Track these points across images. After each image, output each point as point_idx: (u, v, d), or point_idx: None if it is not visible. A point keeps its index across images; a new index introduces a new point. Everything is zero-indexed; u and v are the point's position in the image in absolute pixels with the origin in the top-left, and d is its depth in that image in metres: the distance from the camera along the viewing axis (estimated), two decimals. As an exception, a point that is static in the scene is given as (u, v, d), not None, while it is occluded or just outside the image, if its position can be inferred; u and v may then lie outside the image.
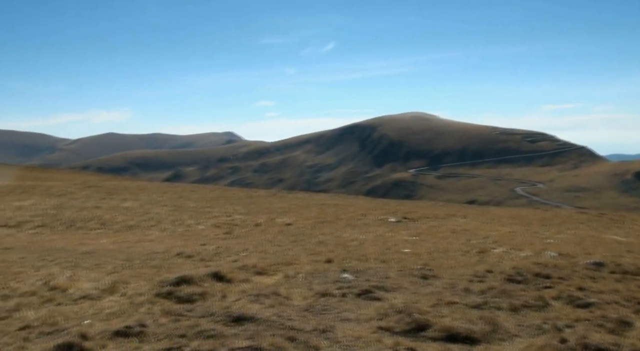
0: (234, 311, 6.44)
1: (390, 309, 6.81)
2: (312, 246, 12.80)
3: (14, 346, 5.66)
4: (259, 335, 5.59)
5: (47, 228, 17.65)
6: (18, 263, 10.63)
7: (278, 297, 7.40)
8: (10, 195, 26.82)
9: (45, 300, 7.66)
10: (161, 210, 22.27)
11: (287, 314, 6.54)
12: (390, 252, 11.51)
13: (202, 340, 5.44)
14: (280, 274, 9.17)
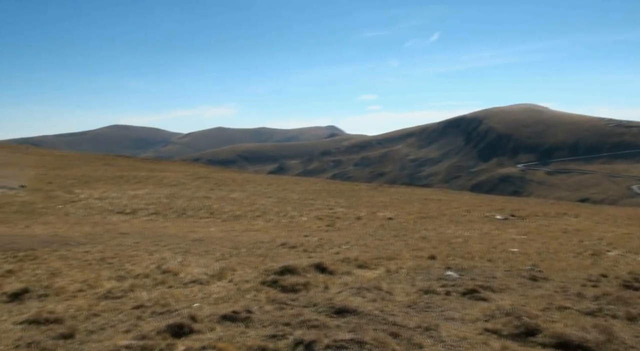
0: (336, 303, 6.43)
1: (497, 311, 6.50)
2: (414, 241, 12.59)
3: (128, 324, 6.00)
4: (361, 328, 5.54)
5: (160, 216, 18.66)
6: (133, 247, 11.27)
7: (380, 292, 7.31)
8: (127, 185, 28.62)
9: (158, 282, 8.06)
10: (266, 201, 22.87)
11: (389, 309, 6.44)
12: (497, 251, 11.06)
13: (305, 329, 5.48)
14: (381, 268, 9.07)
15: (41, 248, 10.62)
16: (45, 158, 46.15)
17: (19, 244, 11.05)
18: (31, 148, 69.09)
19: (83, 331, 5.77)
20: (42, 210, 19.44)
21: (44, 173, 32.51)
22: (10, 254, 10.07)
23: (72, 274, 8.58)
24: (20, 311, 6.66)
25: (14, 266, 9.13)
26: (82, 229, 14.44)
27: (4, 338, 5.64)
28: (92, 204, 21.07)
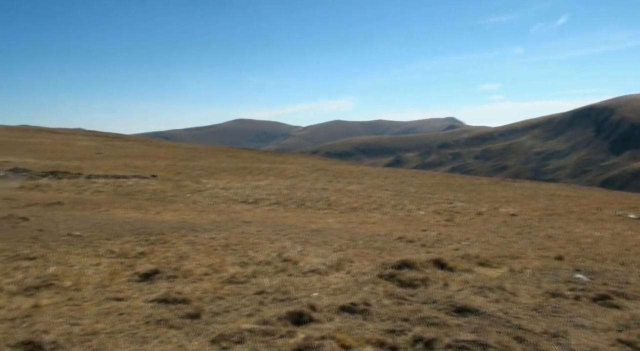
0: (457, 302, 6.23)
1: (632, 320, 5.95)
2: (539, 240, 11.92)
3: (251, 308, 6.22)
4: (483, 330, 5.32)
5: (281, 206, 19.18)
6: (255, 235, 11.65)
7: (503, 292, 6.99)
8: (250, 176, 29.73)
9: (279, 270, 8.26)
10: (383, 194, 22.77)
11: (513, 311, 6.13)
12: (631, 254, 10.17)
13: (425, 327, 5.36)
14: (504, 267, 8.67)
15: (171, 233, 11.28)
16: (175, 151, 49.21)
17: (151, 229, 11.82)
18: (162, 141, 73.95)
19: (208, 313, 6.06)
20: (172, 198, 20.70)
21: (173, 164, 34.65)
22: (142, 238, 10.79)
23: (198, 258, 9.03)
24: (151, 290, 7.12)
25: (146, 248, 9.77)
26: (208, 216, 15.19)
27: (135, 314, 6.06)
28: (218, 193, 22.12)
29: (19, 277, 7.65)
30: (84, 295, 6.85)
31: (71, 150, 43.53)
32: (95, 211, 15.51)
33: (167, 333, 5.47)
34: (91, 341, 5.24)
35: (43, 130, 70.62)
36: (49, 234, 10.77)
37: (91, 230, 11.32)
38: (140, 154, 42.30)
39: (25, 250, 9.35)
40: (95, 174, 27.30)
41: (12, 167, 28.20)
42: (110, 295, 6.85)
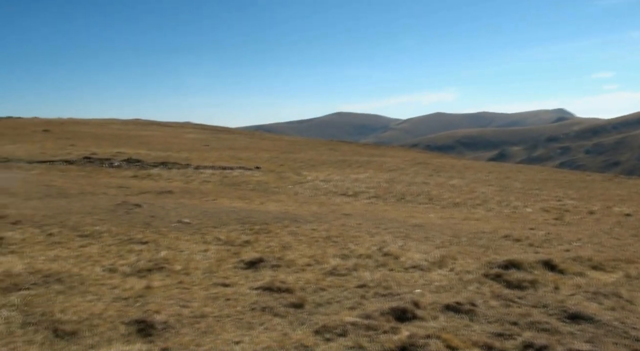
0: (569, 307, 5.88)
1: None
2: (660, 243, 11.03)
3: (353, 301, 6.23)
4: (599, 340, 4.98)
5: (380, 200, 19.09)
6: (355, 228, 11.66)
7: (619, 299, 6.51)
8: (349, 169, 29.84)
9: (379, 264, 8.21)
10: (487, 189, 22.05)
11: (631, 321, 5.69)
12: None
13: (535, 332, 5.10)
14: (619, 272, 8.10)
15: (274, 223, 11.54)
16: (277, 143, 50.37)
17: (255, 218, 12.15)
18: (265, 134, 75.92)
19: (311, 303, 6.13)
20: (275, 189, 21.21)
21: (276, 157, 35.49)
22: (247, 227, 11.11)
23: (301, 249, 9.18)
24: (256, 278, 7.32)
25: (251, 237, 10.05)
26: (309, 208, 15.40)
27: (241, 300, 6.26)
28: (318, 185, 22.40)
29: (133, 259, 8.13)
30: (192, 279, 7.16)
31: (180, 142, 45.76)
32: (202, 200, 16.20)
33: (271, 320, 5.61)
34: (200, 323, 5.47)
35: (154, 123, 74.73)
36: (160, 220, 11.36)
37: (199, 217, 11.82)
38: (244, 146, 43.72)
39: (138, 235, 9.91)
40: (203, 165, 28.54)
41: (126, 158, 30.08)
42: (218, 280, 7.11)
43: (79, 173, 24.31)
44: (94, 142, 40.89)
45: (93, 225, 10.49)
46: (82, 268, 7.56)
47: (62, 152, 32.79)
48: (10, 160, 28.05)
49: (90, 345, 5.00)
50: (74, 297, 6.33)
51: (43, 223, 10.65)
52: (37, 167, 25.81)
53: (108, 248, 8.88)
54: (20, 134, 47.09)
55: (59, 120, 69.90)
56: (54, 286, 6.80)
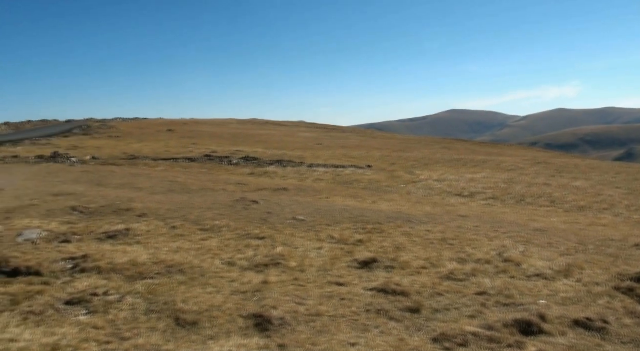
0: None
1: None
2: None
3: (473, 309, 5.94)
4: None
5: (498, 201, 18.31)
6: (472, 230, 11.21)
7: None
8: (464, 168, 28.93)
9: (499, 270, 7.81)
10: (614, 192, 20.44)
11: None
12: None
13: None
14: None
15: (386, 223, 11.38)
16: (389, 142, 50.06)
17: (368, 217, 12.06)
18: (376, 132, 75.82)
19: (428, 308, 5.93)
20: (387, 188, 21.03)
21: (387, 155, 35.22)
22: (360, 226, 11.04)
23: (415, 250, 8.95)
24: (370, 278, 7.22)
25: (364, 237, 9.96)
26: (423, 208, 15.09)
27: (356, 300, 6.19)
28: (432, 185, 21.92)
29: (250, 254, 8.35)
30: (308, 276, 7.21)
31: (294, 141, 46.80)
32: (316, 198, 16.39)
33: (387, 324, 5.48)
34: (315, 322, 5.47)
35: (269, 123, 77.13)
36: (276, 217, 11.60)
37: (313, 215, 11.93)
38: (356, 145, 43.85)
39: (256, 230, 10.17)
40: (316, 163, 28.96)
41: (243, 156, 31.22)
42: (332, 279, 7.10)
43: (200, 170, 25.57)
44: (214, 141, 42.88)
45: (213, 220, 10.92)
46: (203, 261, 7.86)
47: (185, 150, 34.69)
48: (138, 158, 30.08)
49: (209, 336, 5.16)
50: (194, 288, 6.59)
51: (167, 216, 11.25)
52: (161, 164, 27.47)
53: (227, 242, 9.19)
54: (147, 134, 50.47)
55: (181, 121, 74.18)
56: (177, 276, 7.12)
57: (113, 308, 6.01)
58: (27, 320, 5.76)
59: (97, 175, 20.55)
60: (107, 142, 43.52)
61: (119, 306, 6.08)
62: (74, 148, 36.06)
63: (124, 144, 40.63)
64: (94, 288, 6.68)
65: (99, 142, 42.71)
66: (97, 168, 24.62)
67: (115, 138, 47.22)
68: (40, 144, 40.22)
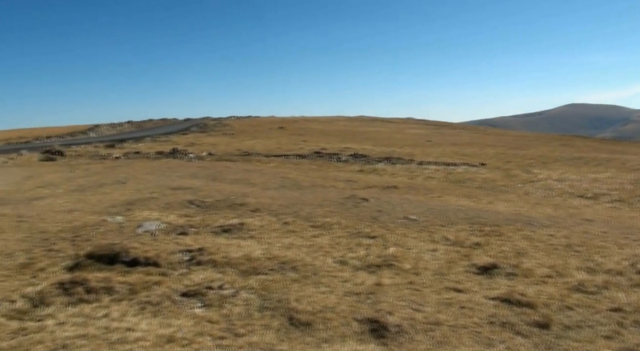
0: None
1: None
2: None
3: (608, 328, 5.35)
4: None
5: (625, 204, 16.87)
6: (600, 236, 10.31)
7: None
8: (586, 167, 27.04)
9: (634, 283, 7.01)
10: None
11: None
12: None
13: None
14: None
15: (505, 225, 10.74)
16: (503, 138, 48.05)
17: (484, 219, 11.46)
18: (489, 129, 73.23)
19: (558, 324, 5.40)
20: (502, 188, 20.06)
21: (502, 153, 33.74)
22: (476, 227, 10.49)
23: (538, 257, 8.32)
24: (490, 286, 6.75)
25: (481, 239, 9.43)
26: (543, 210, 14.17)
27: (477, 310, 5.77)
28: (551, 185, 20.63)
29: (362, 253, 8.14)
30: (423, 280, 6.88)
31: (403, 137, 46.22)
32: (427, 196, 15.92)
33: (513, 339, 5.04)
34: (434, 331, 5.14)
35: (377, 119, 76.86)
36: (386, 216, 11.32)
37: (425, 215, 11.53)
38: (468, 142, 42.48)
39: (366, 229, 9.96)
40: (426, 161, 28.31)
41: (352, 153, 31.21)
42: (449, 284, 6.73)
43: (310, 166, 25.83)
44: (323, 137, 43.33)
45: (324, 217, 10.85)
46: (315, 258, 7.77)
47: (295, 147, 35.30)
48: (251, 154, 30.97)
49: (324, 339, 5.00)
50: (307, 287, 6.49)
51: (279, 212, 11.33)
52: (273, 160, 28.07)
53: (338, 240, 9.06)
54: (259, 131, 51.96)
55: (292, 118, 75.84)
56: (289, 273, 7.07)
57: (227, 303, 6.05)
58: (144, 309, 5.93)
59: (212, 170, 21.33)
60: (222, 139, 45.34)
61: (233, 301, 6.11)
62: (191, 145, 37.88)
63: (238, 141, 42.12)
64: (209, 281, 6.79)
65: (214, 139, 44.61)
66: (212, 163, 25.61)
67: (229, 135, 49.11)
68: (160, 141, 42.67)
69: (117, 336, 5.17)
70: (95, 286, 6.63)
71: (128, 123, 75.14)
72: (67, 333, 5.25)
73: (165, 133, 52.39)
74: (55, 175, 20.65)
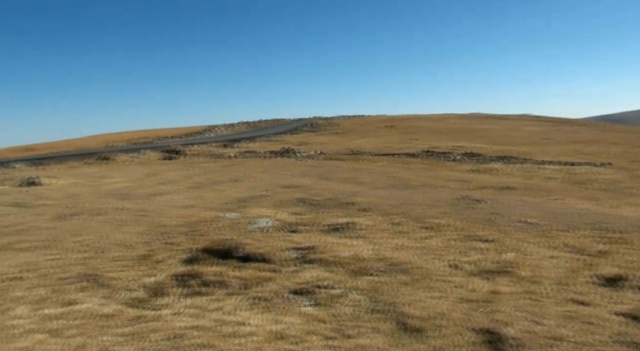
0: None
1: None
2: None
3: None
4: None
5: None
6: None
7: None
8: None
9: None
10: None
11: None
12: None
13: None
14: None
15: (632, 232, 9.85)
16: (627, 136, 44.66)
17: (609, 224, 10.61)
18: (613, 125, 68.30)
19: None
20: (628, 190, 18.57)
21: (627, 151, 31.36)
22: (601, 234, 9.70)
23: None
24: (617, 300, 6.14)
25: (606, 247, 8.69)
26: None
27: (601, 326, 5.25)
28: (687, 189, 18.81)
29: (476, 258, 7.78)
30: (542, 289, 6.43)
31: (518, 135, 44.27)
32: (546, 198, 15.05)
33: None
34: (555, 348, 4.73)
35: (490, 116, 74.23)
36: (502, 218, 10.81)
37: (545, 218, 10.87)
38: (589, 139, 39.86)
39: (480, 232, 9.54)
40: (544, 160, 26.87)
41: (464, 152, 30.30)
42: (571, 296, 6.23)
43: (420, 166, 25.38)
44: (434, 136, 42.52)
45: (435, 218, 10.56)
46: (426, 261, 7.54)
47: (405, 145, 34.91)
48: (359, 153, 31.00)
49: (436, 347, 4.79)
50: (418, 291, 6.29)
51: (388, 211, 11.18)
52: (382, 159, 27.90)
53: (450, 242, 8.75)
54: (368, 130, 51.97)
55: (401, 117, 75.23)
56: (399, 276, 6.90)
57: (337, 303, 6.00)
58: (255, 305, 6.02)
59: (322, 169, 21.57)
60: (331, 138, 45.87)
61: (342, 301, 6.05)
62: (301, 144, 38.65)
63: (347, 140, 42.39)
64: (319, 280, 6.79)
65: (324, 138, 45.22)
66: (322, 162, 25.92)
67: (338, 134, 49.57)
68: (272, 140, 43.93)
69: (230, 329, 5.28)
70: (209, 279, 6.86)
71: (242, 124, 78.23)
72: (182, 324, 5.45)
73: (277, 133, 53.92)
74: (174, 172, 21.85)
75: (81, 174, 23.01)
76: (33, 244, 9.09)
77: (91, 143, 58.60)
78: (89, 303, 6.15)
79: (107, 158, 31.99)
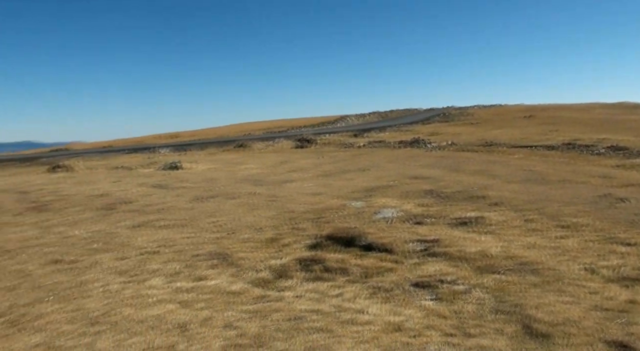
0: None
1: None
2: None
3: None
4: None
5: None
6: None
7: None
8: None
9: None
10: None
11: None
12: None
13: None
14: None
15: None
16: None
17: None
18: None
19: None
20: None
21: None
22: None
23: None
24: None
25: None
26: None
27: None
28: None
29: (615, 263, 7.13)
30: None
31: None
32: None
33: None
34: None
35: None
36: (649, 220, 9.83)
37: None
38: None
39: (622, 234, 8.73)
40: None
41: (609, 145, 27.93)
42: None
43: (560, 159, 23.81)
44: (577, 127, 39.68)
45: (573, 216, 9.85)
46: (559, 263, 7.06)
47: (543, 137, 32.95)
48: (494, 144, 29.75)
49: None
50: (548, 294, 5.91)
51: (521, 207, 10.62)
52: (518, 151, 26.55)
53: (587, 244, 8.11)
54: (505, 120, 49.73)
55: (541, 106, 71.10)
56: (528, 276, 6.53)
57: (459, 299, 5.82)
58: (375, 294, 6.01)
59: (452, 160, 21.00)
60: (464, 128, 44.53)
61: (465, 298, 5.86)
62: (432, 135, 37.91)
63: (481, 131, 40.89)
64: (442, 274, 6.62)
65: (456, 129, 44.01)
66: (453, 154, 25.24)
67: (472, 124, 47.99)
68: (402, 130, 43.55)
69: (348, 316, 5.32)
70: (332, 266, 6.96)
71: (373, 114, 78.45)
72: (303, 306, 5.58)
73: (408, 123, 53.38)
74: (305, 160, 22.44)
75: (219, 160, 24.40)
76: (171, 222, 9.80)
77: (230, 132, 61.98)
78: (218, 280, 6.52)
79: (244, 145, 33.65)
